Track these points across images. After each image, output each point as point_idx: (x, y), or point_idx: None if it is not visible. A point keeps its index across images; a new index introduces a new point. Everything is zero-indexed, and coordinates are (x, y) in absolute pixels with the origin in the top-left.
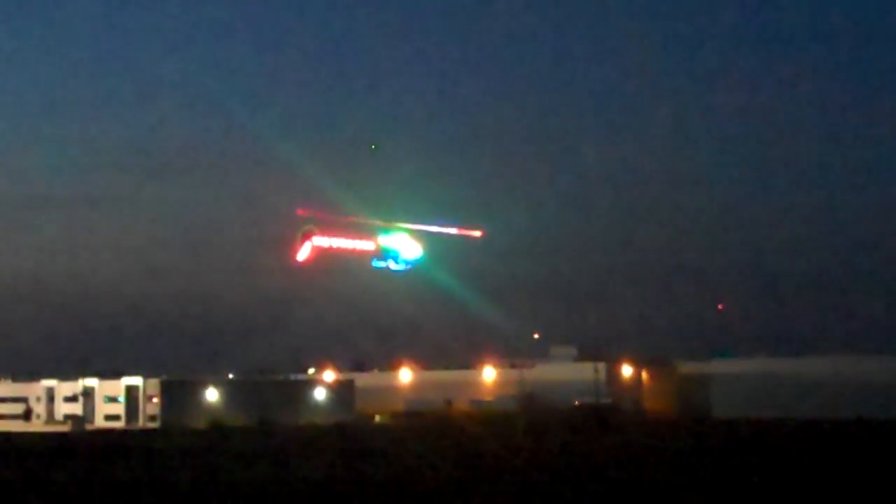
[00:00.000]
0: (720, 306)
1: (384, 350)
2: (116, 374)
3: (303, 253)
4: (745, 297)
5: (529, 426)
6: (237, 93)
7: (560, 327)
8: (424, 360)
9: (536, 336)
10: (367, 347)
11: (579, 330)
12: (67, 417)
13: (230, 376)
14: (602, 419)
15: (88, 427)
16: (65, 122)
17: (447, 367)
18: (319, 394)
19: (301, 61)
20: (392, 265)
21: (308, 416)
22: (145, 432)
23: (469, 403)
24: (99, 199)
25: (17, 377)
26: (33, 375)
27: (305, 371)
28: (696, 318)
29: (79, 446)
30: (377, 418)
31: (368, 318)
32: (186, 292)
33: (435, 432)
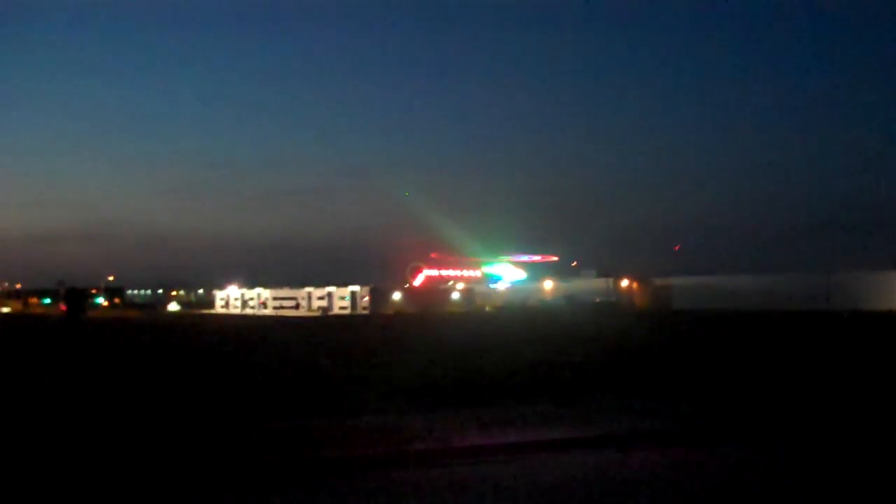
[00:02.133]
0: (676, 248)
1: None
2: (345, 284)
3: (417, 281)
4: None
5: (569, 310)
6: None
7: (589, 258)
8: None
9: (574, 264)
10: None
11: (600, 259)
12: (319, 308)
13: (406, 286)
14: (609, 308)
15: (330, 313)
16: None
17: (528, 281)
18: (455, 295)
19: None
20: (500, 285)
21: (450, 307)
22: (359, 315)
23: (536, 301)
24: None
25: (292, 286)
26: (302, 284)
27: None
28: (668, 251)
29: (324, 321)
30: (487, 308)
31: None
32: (375, 241)
33: (518, 313)
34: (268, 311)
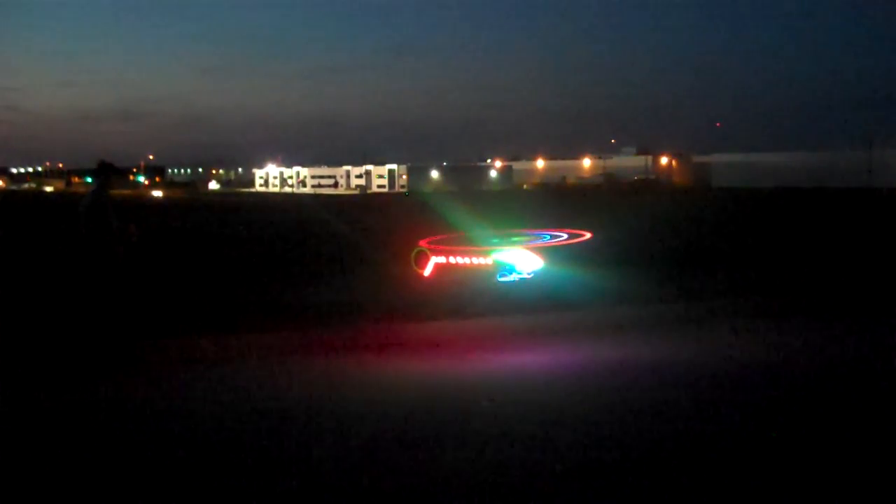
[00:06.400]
0: (718, 124)
1: (529, 147)
2: (382, 163)
3: (427, 269)
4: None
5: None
6: None
7: (627, 134)
8: (552, 154)
9: (613, 141)
10: (517, 146)
11: (638, 135)
12: (357, 186)
13: (444, 164)
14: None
15: (368, 191)
16: None
17: (564, 158)
18: (493, 174)
19: None
20: (513, 277)
21: (486, 186)
22: (397, 194)
23: (575, 179)
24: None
25: (330, 164)
26: (339, 163)
27: (485, 160)
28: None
29: (361, 200)
30: (525, 186)
31: None
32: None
33: (553, 189)
34: (306, 190)
